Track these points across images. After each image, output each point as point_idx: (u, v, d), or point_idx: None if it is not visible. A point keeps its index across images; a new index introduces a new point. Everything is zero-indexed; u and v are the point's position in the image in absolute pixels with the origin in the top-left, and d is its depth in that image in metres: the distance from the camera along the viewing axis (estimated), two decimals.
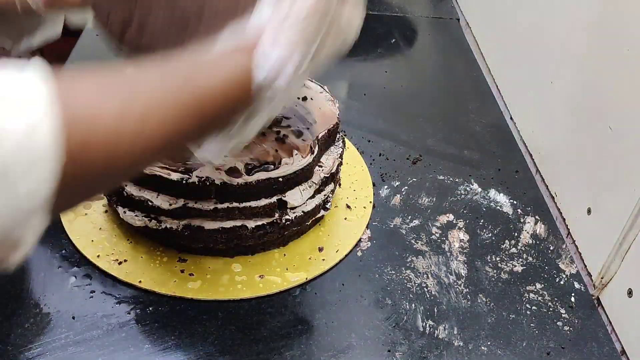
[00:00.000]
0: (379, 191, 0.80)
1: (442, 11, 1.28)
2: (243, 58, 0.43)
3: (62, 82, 0.33)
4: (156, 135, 0.37)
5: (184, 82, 0.40)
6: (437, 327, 0.64)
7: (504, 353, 0.62)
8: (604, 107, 0.71)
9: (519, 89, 0.97)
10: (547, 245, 0.75)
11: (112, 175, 0.37)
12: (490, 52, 1.10)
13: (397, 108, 0.98)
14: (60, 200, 0.33)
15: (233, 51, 0.44)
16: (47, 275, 0.64)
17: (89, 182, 0.36)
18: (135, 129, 0.36)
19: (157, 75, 0.39)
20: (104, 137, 0.34)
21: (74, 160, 0.33)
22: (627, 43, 0.66)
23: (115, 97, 0.36)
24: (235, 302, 0.63)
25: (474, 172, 0.85)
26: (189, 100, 0.39)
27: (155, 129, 0.37)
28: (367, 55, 1.12)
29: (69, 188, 0.33)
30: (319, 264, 0.68)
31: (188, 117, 0.39)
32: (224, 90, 0.42)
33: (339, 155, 0.72)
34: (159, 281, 0.64)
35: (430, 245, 0.73)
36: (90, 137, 0.34)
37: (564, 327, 0.65)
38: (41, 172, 0.32)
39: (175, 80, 0.40)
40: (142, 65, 0.39)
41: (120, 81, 0.37)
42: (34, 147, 0.31)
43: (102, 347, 0.58)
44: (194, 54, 0.43)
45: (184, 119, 0.39)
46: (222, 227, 0.64)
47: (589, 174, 0.74)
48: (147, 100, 0.37)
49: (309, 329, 0.62)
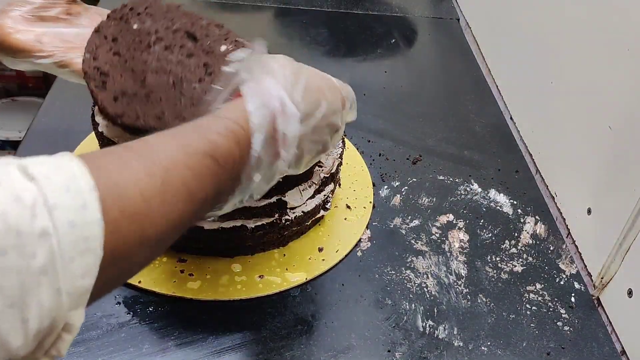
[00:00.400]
0: (379, 191, 0.80)
1: (442, 11, 1.28)
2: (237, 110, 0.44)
3: (88, 161, 0.33)
4: (180, 196, 0.37)
5: (197, 137, 0.40)
6: (437, 327, 0.64)
7: (504, 353, 0.62)
8: (604, 107, 0.71)
9: (519, 89, 0.97)
10: (547, 245, 0.75)
11: (145, 249, 0.36)
12: (490, 52, 1.10)
13: (397, 108, 0.98)
14: (100, 282, 0.33)
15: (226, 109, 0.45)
16: None
17: (126, 256, 0.35)
18: (161, 191, 0.36)
19: (169, 138, 0.40)
20: (135, 208, 0.34)
21: (113, 233, 0.33)
22: (627, 43, 0.66)
23: (139, 167, 0.36)
24: (235, 302, 0.63)
25: (474, 172, 0.85)
26: (204, 153, 0.40)
27: (177, 188, 0.37)
28: (367, 55, 1.12)
29: (110, 266, 0.33)
30: (319, 264, 0.68)
31: (206, 172, 0.39)
32: (229, 144, 0.42)
33: (338, 155, 0.72)
34: (159, 281, 0.64)
35: (430, 245, 0.73)
36: (124, 209, 0.34)
37: (564, 327, 0.65)
38: (93, 247, 0.31)
39: (187, 138, 0.40)
40: (150, 136, 0.40)
41: (137, 150, 0.37)
42: (87, 220, 0.31)
43: (101, 347, 0.58)
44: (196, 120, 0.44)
45: (202, 176, 0.39)
46: (222, 227, 0.64)
47: (589, 174, 0.74)
48: (166, 161, 0.37)
49: (309, 329, 0.62)
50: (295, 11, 1.22)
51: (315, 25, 1.18)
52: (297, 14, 1.21)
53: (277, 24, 1.21)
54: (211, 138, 0.41)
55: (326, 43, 1.13)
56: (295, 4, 1.24)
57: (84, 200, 0.31)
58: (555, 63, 0.84)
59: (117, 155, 0.36)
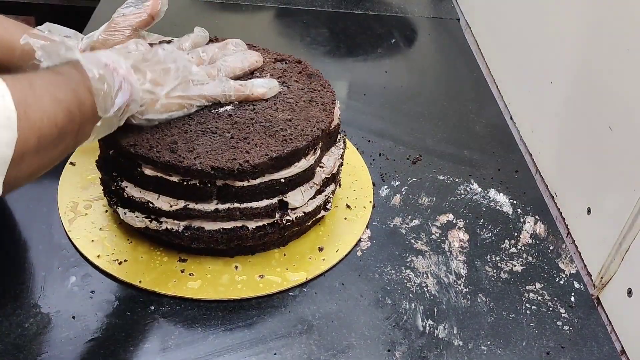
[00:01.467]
0: (379, 191, 0.80)
1: (442, 11, 1.28)
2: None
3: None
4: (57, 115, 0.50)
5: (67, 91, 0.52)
6: (437, 326, 0.64)
7: (503, 353, 0.62)
8: (604, 107, 0.71)
9: (519, 89, 0.97)
10: (547, 245, 0.75)
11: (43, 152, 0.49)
12: (490, 52, 1.10)
13: (397, 108, 0.98)
14: (13, 170, 0.45)
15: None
16: (47, 275, 0.64)
17: (31, 151, 0.47)
18: (46, 110, 0.48)
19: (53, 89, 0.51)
20: (34, 116, 0.47)
21: (21, 120, 0.45)
22: (627, 43, 0.66)
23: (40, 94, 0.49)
24: (235, 301, 0.63)
25: (474, 172, 0.85)
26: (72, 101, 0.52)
27: (56, 113, 0.50)
28: (367, 55, 1.12)
29: (21, 155, 0.45)
30: (319, 263, 0.68)
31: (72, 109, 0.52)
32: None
33: (339, 155, 0.72)
34: (159, 281, 0.64)
35: (430, 245, 0.73)
36: (28, 113, 0.46)
37: (564, 326, 0.65)
38: (12, 125, 0.44)
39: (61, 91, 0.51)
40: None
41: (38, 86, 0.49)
42: (6, 104, 0.44)
43: (102, 347, 0.58)
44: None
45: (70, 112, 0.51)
46: (223, 228, 0.64)
47: (589, 174, 0.74)
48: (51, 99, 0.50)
49: (309, 329, 0.62)
50: (296, 11, 1.22)
51: (315, 25, 1.18)
52: (297, 14, 1.21)
53: (277, 24, 1.21)
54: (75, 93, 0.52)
55: (326, 43, 1.13)
56: (295, 4, 1.24)
57: (1, 93, 0.44)
58: (555, 63, 0.84)
59: (21, 78, 0.48)
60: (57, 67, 0.54)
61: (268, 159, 0.61)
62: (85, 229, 0.68)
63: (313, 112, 0.68)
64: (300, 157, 0.64)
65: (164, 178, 0.61)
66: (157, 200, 0.63)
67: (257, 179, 0.62)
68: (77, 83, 0.52)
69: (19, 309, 0.60)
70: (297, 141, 0.63)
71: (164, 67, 0.61)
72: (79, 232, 0.68)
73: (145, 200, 0.63)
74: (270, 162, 0.62)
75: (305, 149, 0.64)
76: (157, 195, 0.63)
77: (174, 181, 0.61)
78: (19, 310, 0.60)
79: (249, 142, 0.63)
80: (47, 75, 0.52)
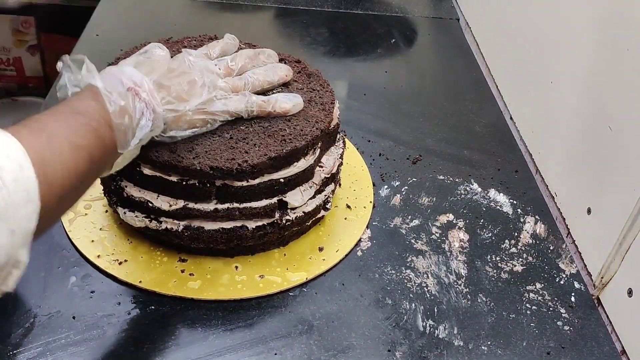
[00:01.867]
0: (379, 191, 0.80)
1: (442, 11, 1.28)
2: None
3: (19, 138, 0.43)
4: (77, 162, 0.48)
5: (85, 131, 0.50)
6: (437, 326, 0.64)
7: (504, 353, 0.62)
8: (604, 107, 0.71)
9: (519, 89, 0.97)
10: (547, 245, 0.75)
11: (64, 200, 0.48)
12: (490, 52, 1.10)
13: (397, 108, 0.98)
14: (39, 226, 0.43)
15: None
16: (47, 275, 0.64)
17: (54, 205, 0.45)
18: (65, 161, 0.47)
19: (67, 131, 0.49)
20: (54, 174, 0.45)
21: (43, 184, 0.43)
22: (628, 43, 0.66)
23: (56, 145, 0.47)
24: (235, 302, 0.63)
25: (474, 172, 0.85)
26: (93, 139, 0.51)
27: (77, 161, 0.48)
28: (367, 55, 1.12)
29: (43, 214, 0.43)
30: (319, 264, 0.68)
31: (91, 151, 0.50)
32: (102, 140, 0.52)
33: (339, 155, 0.72)
34: (159, 281, 0.64)
35: (430, 245, 0.73)
36: (48, 174, 0.44)
37: (564, 326, 0.65)
38: (33, 198, 0.42)
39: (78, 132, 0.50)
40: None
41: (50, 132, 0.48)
42: (26, 177, 0.42)
43: (102, 347, 0.58)
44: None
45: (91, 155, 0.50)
46: (223, 228, 0.64)
47: (589, 174, 0.74)
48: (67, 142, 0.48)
49: (309, 329, 0.62)
50: (295, 11, 1.22)
51: (315, 25, 1.18)
52: (297, 14, 1.21)
53: (277, 24, 1.21)
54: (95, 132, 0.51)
55: (326, 43, 1.13)
56: (295, 4, 1.24)
57: (20, 163, 0.42)
58: (555, 63, 0.84)
59: (38, 132, 0.47)
60: (76, 102, 0.52)
61: (267, 159, 0.61)
62: (85, 229, 0.68)
63: (312, 112, 0.67)
64: (299, 157, 0.64)
65: (163, 178, 0.61)
66: (157, 200, 0.63)
67: (256, 179, 0.62)
68: (97, 121, 0.50)
69: (19, 309, 0.60)
70: (297, 141, 0.63)
71: (189, 79, 0.59)
72: (79, 232, 0.68)
73: (144, 200, 0.63)
74: (270, 162, 0.62)
75: (305, 148, 0.64)
76: (157, 194, 0.63)
77: (173, 181, 0.61)
78: (19, 310, 0.60)
79: (248, 142, 0.63)
80: (66, 117, 0.50)
